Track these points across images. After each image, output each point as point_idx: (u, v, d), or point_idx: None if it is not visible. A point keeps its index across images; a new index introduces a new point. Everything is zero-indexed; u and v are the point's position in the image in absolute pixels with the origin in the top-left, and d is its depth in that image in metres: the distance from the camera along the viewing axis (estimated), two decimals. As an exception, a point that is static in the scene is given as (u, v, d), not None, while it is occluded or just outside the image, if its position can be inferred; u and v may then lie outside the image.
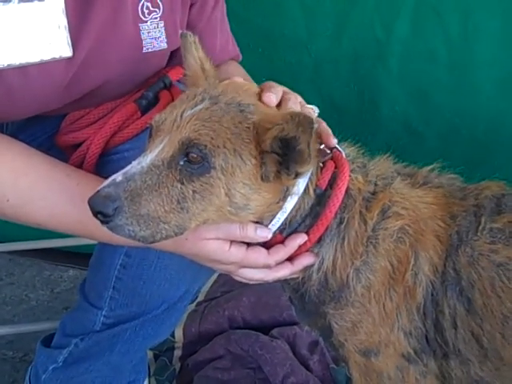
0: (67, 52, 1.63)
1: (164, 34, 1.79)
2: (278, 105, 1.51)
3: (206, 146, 1.37)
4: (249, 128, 1.40)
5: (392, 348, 1.58)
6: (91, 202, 1.34)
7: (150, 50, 1.78)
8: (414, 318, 1.55)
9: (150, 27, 1.76)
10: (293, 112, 1.37)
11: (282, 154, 1.40)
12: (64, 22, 1.60)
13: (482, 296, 1.51)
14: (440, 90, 2.63)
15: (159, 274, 1.80)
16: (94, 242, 2.95)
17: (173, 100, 1.82)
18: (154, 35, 1.77)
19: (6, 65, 1.56)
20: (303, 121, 1.32)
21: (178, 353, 2.52)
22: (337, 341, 1.63)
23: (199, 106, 1.41)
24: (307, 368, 2.34)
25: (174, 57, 1.89)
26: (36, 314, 3.07)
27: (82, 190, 1.56)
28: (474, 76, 2.58)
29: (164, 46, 1.80)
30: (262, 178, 1.42)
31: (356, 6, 2.67)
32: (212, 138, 1.37)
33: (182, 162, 1.37)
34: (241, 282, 2.65)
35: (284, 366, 2.29)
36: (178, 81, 1.85)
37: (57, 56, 1.61)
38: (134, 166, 1.37)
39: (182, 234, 1.40)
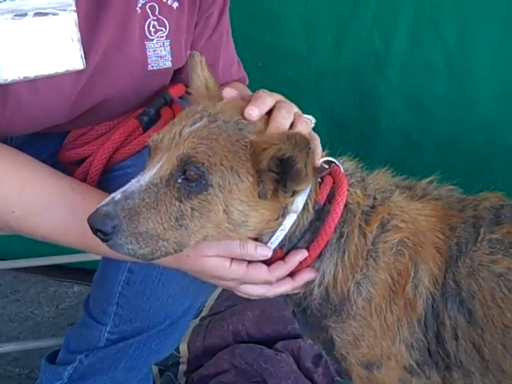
0: (80, 65, 1.66)
1: (169, 52, 1.81)
2: (269, 113, 1.49)
3: (203, 163, 1.38)
4: (246, 146, 1.41)
5: (394, 361, 1.59)
6: (90, 220, 1.35)
7: (154, 68, 1.80)
8: (415, 330, 1.56)
9: (156, 45, 1.79)
10: (289, 132, 1.39)
11: (279, 172, 1.41)
12: (77, 35, 1.64)
13: (483, 307, 1.52)
14: (439, 102, 2.65)
15: (162, 290, 1.82)
16: (99, 258, 3.01)
17: (174, 117, 1.84)
18: (159, 53, 1.79)
19: (22, 77, 1.59)
20: (299, 141, 1.33)
21: (183, 368, 2.53)
22: (339, 354, 1.63)
23: (198, 124, 1.42)
24: (312, 381, 2.35)
25: (178, 74, 1.91)
26: (42, 330, 3.08)
27: (86, 205, 1.57)
28: (472, 87, 2.59)
29: (169, 64, 1.82)
30: (259, 196, 1.43)
31: (354, 19, 2.68)
32: (209, 156, 1.38)
33: (179, 180, 1.38)
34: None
35: (289, 380, 2.30)
36: (181, 98, 1.87)
37: (70, 68, 1.64)
38: (133, 184, 1.38)
39: (181, 250, 1.41)
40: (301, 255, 1.53)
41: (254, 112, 1.44)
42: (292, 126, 1.48)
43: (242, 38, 2.18)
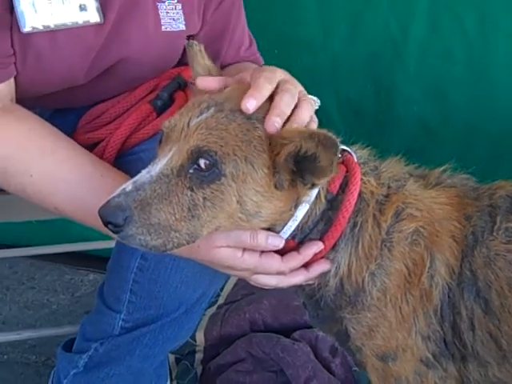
0: (96, 17, 1.66)
1: (182, 16, 1.81)
2: (271, 97, 1.44)
3: (216, 152, 1.36)
4: (260, 137, 1.40)
5: (410, 353, 1.56)
6: (101, 212, 1.35)
7: (168, 29, 1.79)
8: (431, 321, 1.54)
9: (168, 7, 1.79)
10: (313, 131, 1.36)
11: (297, 165, 1.39)
12: None
13: (500, 297, 1.49)
14: (457, 90, 2.62)
15: (175, 277, 1.80)
16: (113, 246, 3.01)
17: (187, 101, 1.83)
18: (172, 16, 1.79)
19: (42, 27, 1.60)
20: (325, 141, 1.31)
21: (199, 356, 2.52)
22: (354, 346, 1.61)
23: (205, 114, 1.41)
24: (329, 371, 2.33)
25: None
26: (57, 318, 3.08)
27: (104, 182, 1.58)
28: (491, 75, 2.56)
29: (182, 27, 1.81)
30: (275, 187, 1.41)
31: (371, 5, 2.67)
32: (221, 146, 1.37)
33: (191, 170, 1.37)
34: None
35: (306, 369, 2.28)
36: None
37: (90, 20, 1.65)
38: (144, 175, 1.37)
39: (193, 241, 1.40)
40: (316, 247, 1.51)
41: (251, 105, 1.39)
42: (295, 109, 1.44)
43: (258, 26, 2.16)
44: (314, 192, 1.48)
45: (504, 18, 2.49)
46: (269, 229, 1.48)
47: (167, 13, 1.78)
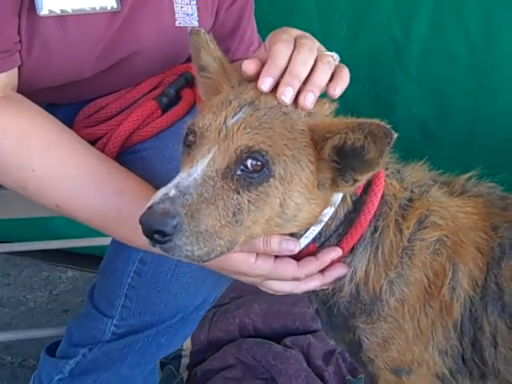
0: (114, 3, 1.57)
1: (196, 12, 1.72)
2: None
3: (267, 152, 1.28)
4: (303, 131, 1.32)
5: (425, 367, 1.50)
6: (145, 220, 1.23)
7: (181, 25, 1.70)
8: (450, 335, 1.48)
9: (183, 2, 1.70)
10: (361, 121, 1.27)
11: (340, 160, 1.32)
12: None
13: None
14: (459, 93, 2.57)
15: (176, 283, 1.71)
16: (93, 243, 2.91)
17: (195, 98, 1.74)
18: (186, 11, 1.71)
19: (59, 11, 1.51)
20: (376, 130, 1.24)
21: (185, 361, 2.44)
22: (366, 357, 1.54)
23: (241, 114, 1.31)
24: (322, 379, 2.27)
25: None
26: (35, 316, 2.97)
27: (112, 180, 1.50)
28: (494, 78, 2.51)
29: (195, 23, 1.72)
30: (318, 186, 1.34)
31: (373, 4, 2.61)
32: (270, 145, 1.28)
33: (239, 172, 1.28)
34: (251, 289, 2.59)
35: (299, 378, 2.22)
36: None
37: (109, 6, 1.56)
38: (185, 178, 1.26)
39: (232, 249, 1.31)
40: (334, 253, 1.44)
41: (266, 84, 1.33)
42: (312, 70, 1.36)
43: (256, 23, 2.07)
44: (340, 193, 1.41)
45: (509, 22, 2.44)
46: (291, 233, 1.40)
47: (182, 8, 1.70)
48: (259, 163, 1.27)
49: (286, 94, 1.31)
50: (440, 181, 1.54)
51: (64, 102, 1.84)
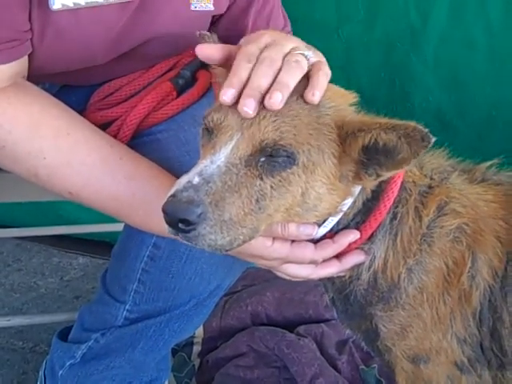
0: None
1: None
2: None
3: (291, 144, 1.25)
4: (329, 125, 1.29)
5: (444, 355, 1.48)
6: (169, 209, 1.20)
7: (197, 9, 1.65)
8: (469, 324, 1.45)
9: None
10: (396, 122, 1.25)
11: (365, 156, 1.30)
12: None
13: None
14: (477, 81, 2.52)
15: (190, 268, 1.68)
16: (106, 229, 2.89)
17: (211, 80, 1.71)
18: None
19: (72, 4, 1.47)
20: (412, 134, 1.21)
21: (197, 348, 2.42)
22: (383, 345, 1.52)
23: None
24: (335, 368, 2.24)
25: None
26: (46, 302, 2.96)
27: (124, 165, 1.48)
28: (515, 65, 2.47)
29: (211, 7, 1.67)
30: (340, 178, 1.32)
31: (390, -11, 2.56)
32: (295, 135, 1.26)
33: (263, 159, 1.26)
34: (263, 277, 2.58)
35: (312, 367, 2.19)
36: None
37: None
38: (209, 166, 1.23)
39: (253, 238, 1.29)
40: (352, 236, 1.42)
41: (228, 96, 1.27)
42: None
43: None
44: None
45: (531, 8, 2.39)
46: None
47: None
48: (283, 155, 1.26)
49: (248, 105, 1.24)
50: (460, 168, 1.52)
51: (77, 84, 1.82)
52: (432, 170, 1.49)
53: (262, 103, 1.26)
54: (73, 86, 1.83)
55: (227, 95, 1.26)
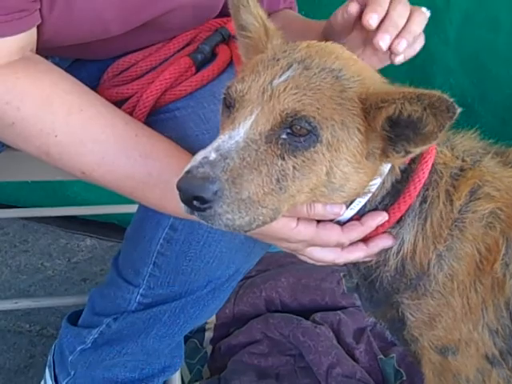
0: None
1: None
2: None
3: (314, 117, 1.19)
4: (353, 99, 1.23)
5: (474, 347, 1.41)
6: (183, 185, 1.15)
7: None
8: (501, 314, 1.38)
9: None
10: (420, 91, 1.18)
11: (392, 131, 1.24)
12: None
13: None
14: (501, 63, 2.47)
15: (208, 251, 1.61)
16: (115, 211, 2.84)
17: (232, 56, 1.64)
18: None
19: None
20: (437, 104, 1.15)
21: (209, 335, 2.36)
22: (409, 335, 1.46)
23: (289, 73, 1.23)
24: (352, 358, 2.18)
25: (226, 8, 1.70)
26: (53, 284, 2.91)
27: (139, 143, 1.42)
28: (540, 48, 2.40)
29: None
30: (367, 156, 1.25)
31: (412, -34, 2.48)
32: (318, 109, 1.20)
33: (284, 136, 1.20)
34: (277, 262, 2.51)
35: (329, 355, 2.13)
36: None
37: None
38: (226, 141, 1.18)
39: (275, 219, 1.23)
40: (380, 218, 1.36)
41: (374, 20, 1.37)
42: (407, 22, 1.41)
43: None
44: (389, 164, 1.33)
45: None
46: None
47: None
48: (305, 128, 1.19)
49: (385, 40, 1.35)
50: (492, 151, 1.45)
51: (90, 58, 1.75)
52: (464, 151, 1.43)
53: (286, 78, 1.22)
54: (85, 61, 1.76)
55: (373, 19, 1.36)
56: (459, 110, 1.17)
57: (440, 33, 2.50)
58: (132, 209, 1.89)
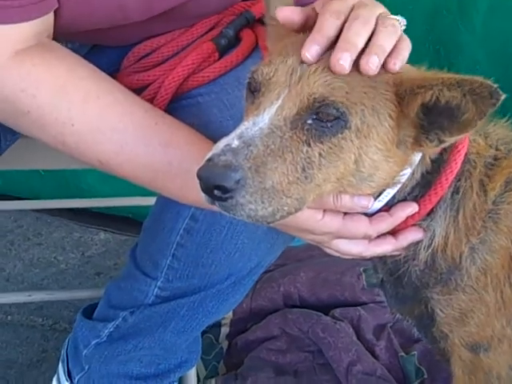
0: None
1: None
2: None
3: (342, 102, 1.13)
4: (387, 83, 1.17)
5: (507, 344, 1.38)
6: (204, 174, 1.10)
7: None
8: None
9: None
10: (461, 77, 1.13)
11: (425, 118, 1.18)
12: None
13: None
14: (528, 53, 2.40)
15: (230, 242, 1.56)
16: (129, 203, 2.79)
17: (257, 40, 1.58)
18: None
19: None
20: (479, 90, 1.10)
21: (225, 330, 2.32)
22: (439, 331, 1.41)
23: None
24: (373, 354, 2.13)
25: None
26: (66, 278, 2.87)
27: (159, 131, 1.37)
28: None
29: None
30: (397, 144, 1.20)
31: (438, -48, 2.45)
32: (347, 93, 1.14)
33: (310, 121, 1.14)
34: (296, 256, 2.46)
35: (349, 352, 2.08)
36: (260, 19, 1.60)
37: None
38: (250, 128, 1.12)
39: (300, 210, 1.17)
40: (410, 209, 1.30)
41: (311, 53, 1.15)
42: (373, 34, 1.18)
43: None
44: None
45: None
46: None
47: None
48: (333, 114, 1.13)
49: (345, 59, 1.13)
50: None
51: (110, 44, 1.70)
52: (497, 140, 1.37)
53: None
54: (104, 47, 1.72)
55: (311, 52, 1.15)
56: (503, 96, 1.11)
57: (466, 21, 2.45)
58: (147, 201, 1.85)
